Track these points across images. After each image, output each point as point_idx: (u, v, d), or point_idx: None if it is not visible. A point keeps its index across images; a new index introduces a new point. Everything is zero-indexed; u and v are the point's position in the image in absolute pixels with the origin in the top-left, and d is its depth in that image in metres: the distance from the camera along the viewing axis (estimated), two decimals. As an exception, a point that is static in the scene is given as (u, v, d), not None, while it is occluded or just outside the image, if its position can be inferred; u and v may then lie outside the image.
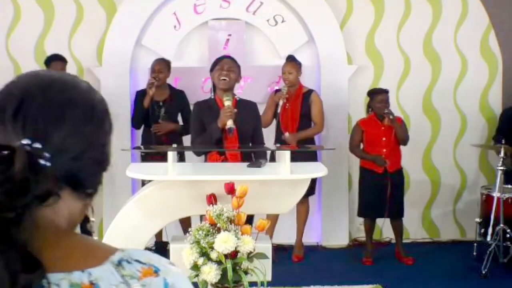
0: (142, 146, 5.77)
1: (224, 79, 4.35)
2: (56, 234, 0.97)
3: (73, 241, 1.00)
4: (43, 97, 0.98)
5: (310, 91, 5.83)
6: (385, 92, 5.63)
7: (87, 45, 6.11)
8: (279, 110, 5.57)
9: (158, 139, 5.56)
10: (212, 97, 4.47)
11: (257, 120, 4.60)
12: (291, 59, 5.76)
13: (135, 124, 5.77)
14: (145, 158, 5.51)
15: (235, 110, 4.30)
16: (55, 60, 5.59)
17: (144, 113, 5.58)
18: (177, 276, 1.01)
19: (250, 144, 4.55)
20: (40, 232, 0.92)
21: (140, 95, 5.70)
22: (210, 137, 4.32)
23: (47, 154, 0.92)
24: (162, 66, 5.67)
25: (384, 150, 5.59)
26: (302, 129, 5.73)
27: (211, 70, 4.49)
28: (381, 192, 5.55)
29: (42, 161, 0.91)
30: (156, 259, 1.02)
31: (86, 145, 0.99)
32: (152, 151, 5.60)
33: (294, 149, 5.11)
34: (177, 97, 5.74)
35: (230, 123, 4.22)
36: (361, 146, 5.76)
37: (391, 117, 5.49)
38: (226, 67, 4.39)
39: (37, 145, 0.92)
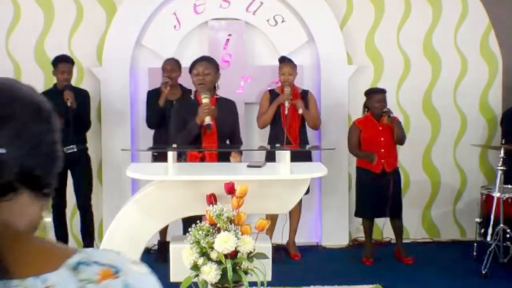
0: (150, 147, 5.73)
1: (201, 84, 4.53)
2: (14, 237, 0.94)
3: (29, 245, 0.97)
4: None
5: (305, 92, 5.84)
6: (383, 91, 5.63)
7: (87, 45, 6.11)
8: (286, 112, 5.57)
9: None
10: (193, 96, 4.63)
11: (235, 119, 4.75)
12: (288, 60, 5.76)
13: (151, 124, 5.72)
14: (157, 158, 5.45)
15: (213, 107, 4.47)
16: (62, 61, 5.57)
17: (160, 113, 5.58)
18: (139, 277, 0.98)
19: (228, 142, 4.70)
20: None
21: (152, 95, 5.69)
22: (189, 134, 4.49)
23: (1, 150, 0.93)
24: (173, 66, 5.68)
25: (382, 150, 5.59)
26: (303, 129, 5.77)
27: (190, 71, 4.62)
28: (378, 192, 5.55)
29: None
30: (118, 259, 0.98)
31: (37, 141, 0.99)
32: (152, 151, 5.60)
33: (294, 149, 5.12)
34: (189, 97, 5.76)
35: (208, 120, 4.42)
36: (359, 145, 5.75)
37: (391, 115, 5.48)
38: (201, 70, 4.54)
39: None
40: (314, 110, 5.83)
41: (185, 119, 4.53)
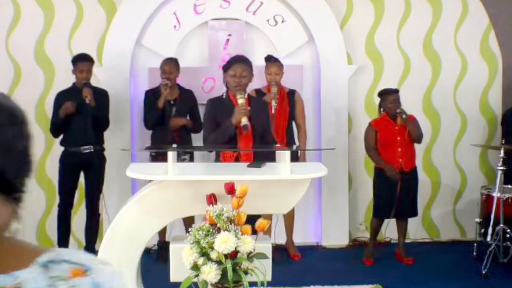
0: (149, 146, 5.72)
1: (238, 87, 4.42)
2: None
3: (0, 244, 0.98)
4: None
5: (292, 91, 5.83)
6: (396, 92, 5.61)
7: (87, 45, 6.10)
8: (273, 111, 5.53)
9: (171, 138, 5.52)
10: (225, 95, 4.51)
11: (267, 116, 4.66)
12: (275, 59, 5.73)
13: (149, 125, 5.72)
14: (155, 158, 5.47)
15: (249, 108, 4.37)
16: (81, 60, 5.54)
17: (158, 113, 5.58)
18: (108, 276, 0.99)
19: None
20: None
21: (150, 95, 5.69)
22: (224, 134, 4.36)
23: None
24: (171, 66, 5.67)
25: (399, 149, 5.55)
26: (290, 129, 5.76)
27: (224, 70, 4.53)
28: (396, 192, 5.51)
29: None
30: (88, 259, 1.00)
31: (8, 145, 0.99)
32: (152, 151, 5.60)
33: (292, 149, 5.11)
34: (187, 97, 5.75)
35: (244, 120, 4.29)
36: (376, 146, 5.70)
37: (404, 116, 5.47)
38: (239, 72, 4.44)
39: None
40: (300, 111, 5.80)
41: (217, 118, 4.43)
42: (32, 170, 1.04)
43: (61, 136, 5.61)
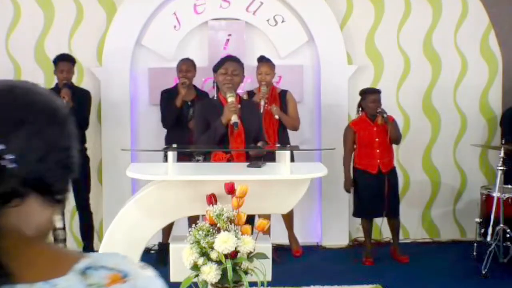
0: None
1: (229, 84, 4.38)
2: (21, 242, 0.94)
3: (38, 250, 0.97)
4: (4, 100, 0.97)
5: (284, 92, 5.82)
6: (378, 92, 5.63)
7: (87, 45, 6.10)
8: (262, 110, 5.51)
9: (187, 139, 5.49)
10: (216, 96, 4.48)
11: (260, 118, 4.65)
12: (266, 59, 5.71)
13: (167, 125, 5.71)
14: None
15: (239, 106, 4.35)
16: (62, 60, 5.56)
17: (176, 113, 5.57)
18: (147, 280, 0.98)
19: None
20: (5, 240, 0.91)
21: (167, 95, 5.68)
22: (215, 134, 4.34)
23: (10, 156, 0.92)
24: (189, 66, 5.66)
25: (378, 150, 5.59)
26: (282, 129, 5.74)
27: (215, 70, 4.49)
28: (375, 192, 5.55)
29: (4, 162, 0.91)
30: (126, 263, 0.98)
31: (49, 147, 0.97)
32: (151, 151, 5.60)
33: (293, 149, 5.11)
34: (203, 98, 5.67)
35: (234, 118, 4.28)
36: (354, 147, 5.72)
37: (384, 115, 5.48)
38: (230, 70, 4.39)
39: (0, 147, 0.92)
40: (293, 111, 5.77)
41: (208, 119, 4.40)
42: (76, 169, 1.02)
43: None
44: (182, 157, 5.01)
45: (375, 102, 5.54)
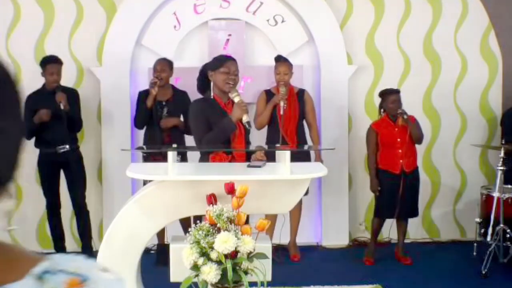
0: (144, 146, 5.71)
1: (231, 84, 4.34)
2: None
3: None
4: None
5: (302, 91, 5.83)
6: (397, 92, 5.60)
7: (87, 45, 6.10)
8: (282, 112, 5.55)
9: (161, 139, 5.53)
10: (211, 96, 4.37)
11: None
12: (284, 59, 5.73)
13: (137, 124, 5.72)
14: (147, 158, 5.50)
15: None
16: (50, 62, 5.53)
17: (147, 113, 5.56)
18: (109, 284, 0.93)
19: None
20: None
21: (143, 95, 5.68)
22: (224, 133, 4.26)
23: None
24: (164, 66, 5.65)
25: (400, 150, 5.54)
26: (300, 129, 5.76)
27: (214, 68, 4.36)
28: (397, 192, 5.51)
29: None
30: (86, 267, 0.93)
31: None
32: (153, 151, 5.60)
33: (293, 149, 5.11)
34: (180, 98, 5.67)
35: (246, 118, 4.25)
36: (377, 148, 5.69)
37: (405, 116, 5.46)
38: (232, 70, 4.34)
39: None
40: (311, 111, 5.79)
41: (209, 119, 4.29)
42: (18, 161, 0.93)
43: (33, 139, 5.58)
44: (158, 158, 5.04)
45: (394, 103, 5.52)
